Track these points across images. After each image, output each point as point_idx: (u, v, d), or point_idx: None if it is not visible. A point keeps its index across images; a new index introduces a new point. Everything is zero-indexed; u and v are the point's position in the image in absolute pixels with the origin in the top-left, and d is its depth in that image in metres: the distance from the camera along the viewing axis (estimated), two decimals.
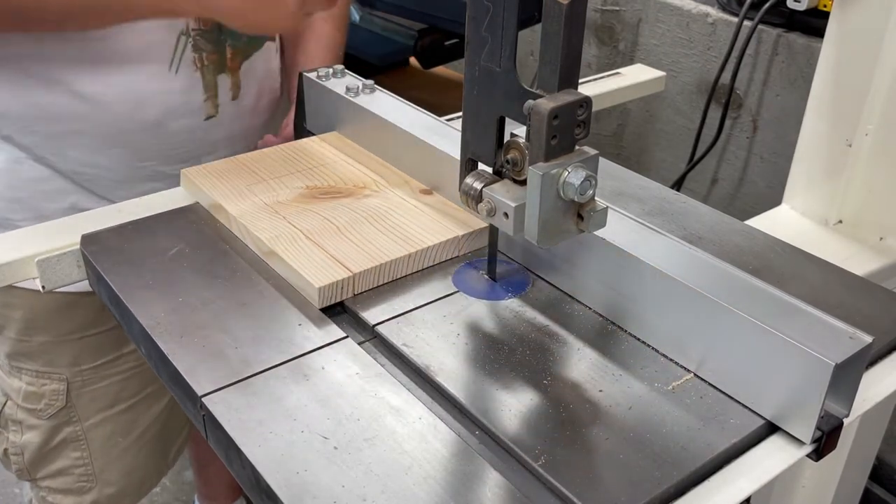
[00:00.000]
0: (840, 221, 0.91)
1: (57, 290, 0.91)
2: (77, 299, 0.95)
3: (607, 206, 0.59)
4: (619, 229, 0.65)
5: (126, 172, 0.92)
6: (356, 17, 1.67)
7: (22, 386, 1.00)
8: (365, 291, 0.69)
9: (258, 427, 0.55)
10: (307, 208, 0.78)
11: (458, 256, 0.74)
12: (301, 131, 0.97)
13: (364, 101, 0.89)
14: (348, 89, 0.89)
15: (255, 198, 0.79)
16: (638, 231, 0.66)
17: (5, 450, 1.05)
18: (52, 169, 0.90)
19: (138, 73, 0.87)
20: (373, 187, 0.82)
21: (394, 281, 0.70)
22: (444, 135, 0.81)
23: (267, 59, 1.01)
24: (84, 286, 0.93)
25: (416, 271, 0.72)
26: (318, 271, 0.68)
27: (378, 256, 0.70)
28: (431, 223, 0.75)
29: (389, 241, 0.72)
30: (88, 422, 1.04)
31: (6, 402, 1.03)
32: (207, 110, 0.94)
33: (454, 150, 0.71)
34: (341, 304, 0.68)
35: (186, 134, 0.93)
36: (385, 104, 0.89)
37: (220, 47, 0.92)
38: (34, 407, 1.01)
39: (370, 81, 0.91)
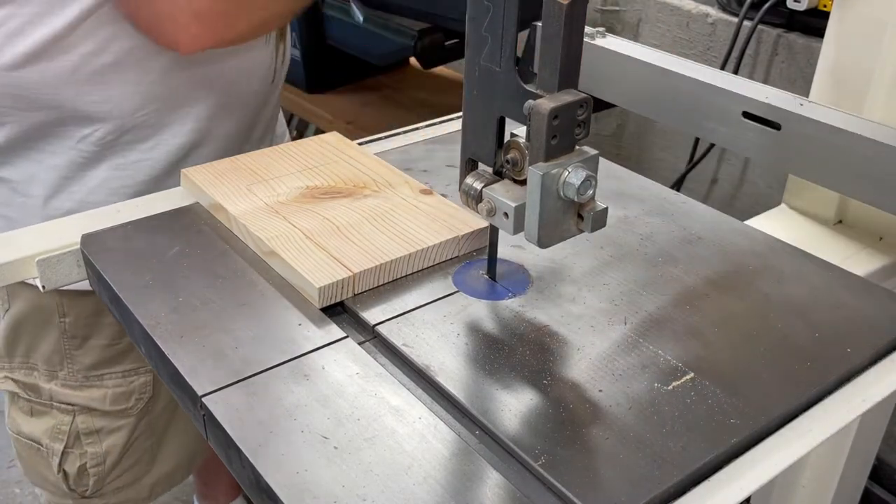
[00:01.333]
0: (840, 221, 0.91)
1: None
2: None
3: (607, 207, 0.59)
4: None
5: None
6: (360, 17, 1.67)
7: (107, 392, 1.00)
8: (365, 291, 0.69)
9: (258, 427, 0.55)
10: (307, 208, 0.77)
11: (458, 256, 0.74)
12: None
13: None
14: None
15: (255, 198, 0.79)
16: None
17: (80, 467, 1.03)
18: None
19: (250, 49, 0.94)
20: (373, 187, 0.82)
21: (394, 281, 0.70)
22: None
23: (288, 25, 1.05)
24: None
25: (417, 271, 0.72)
26: (318, 271, 0.68)
27: (378, 256, 0.70)
28: (432, 223, 0.75)
29: (389, 241, 0.72)
30: (160, 404, 1.05)
31: (73, 419, 1.01)
32: (270, 77, 1.01)
33: None
34: (341, 304, 0.68)
35: (260, 98, 1.00)
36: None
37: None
38: (122, 407, 1.01)
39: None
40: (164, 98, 0.89)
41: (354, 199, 0.79)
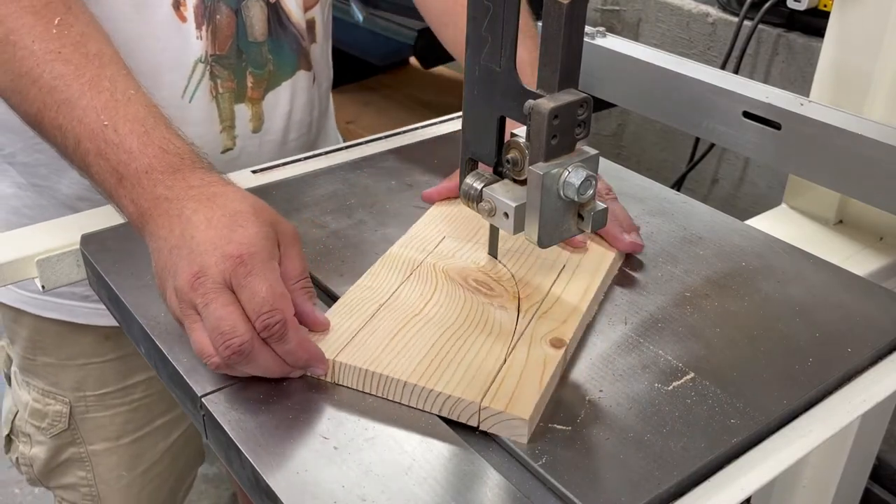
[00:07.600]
0: (840, 221, 0.91)
1: (60, 318, 0.92)
2: (79, 328, 0.93)
3: (607, 207, 0.59)
4: None
5: None
6: (360, 17, 1.67)
7: (29, 401, 0.99)
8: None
9: (258, 427, 0.55)
10: (436, 291, 0.66)
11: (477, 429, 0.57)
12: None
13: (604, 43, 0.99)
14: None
15: (419, 253, 0.70)
16: None
17: (17, 458, 1.04)
18: (50, 197, 0.87)
19: None
20: (523, 305, 0.65)
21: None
22: None
23: (297, 91, 0.92)
24: (87, 318, 0.92)
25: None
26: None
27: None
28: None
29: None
30: (93, 446, 1.01)
31: (17, 412, 1.02)
32: (224, 142, 0.87)
33: None
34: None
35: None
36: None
37: (240, 75, 0.86)
38: (39, 424, 1.00)
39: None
40: (12, 130, 0.83)
41: (487, 302, 0.65)
